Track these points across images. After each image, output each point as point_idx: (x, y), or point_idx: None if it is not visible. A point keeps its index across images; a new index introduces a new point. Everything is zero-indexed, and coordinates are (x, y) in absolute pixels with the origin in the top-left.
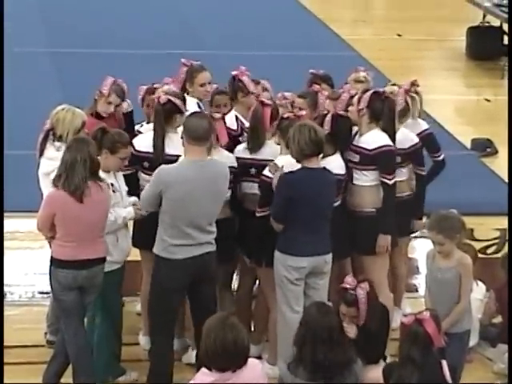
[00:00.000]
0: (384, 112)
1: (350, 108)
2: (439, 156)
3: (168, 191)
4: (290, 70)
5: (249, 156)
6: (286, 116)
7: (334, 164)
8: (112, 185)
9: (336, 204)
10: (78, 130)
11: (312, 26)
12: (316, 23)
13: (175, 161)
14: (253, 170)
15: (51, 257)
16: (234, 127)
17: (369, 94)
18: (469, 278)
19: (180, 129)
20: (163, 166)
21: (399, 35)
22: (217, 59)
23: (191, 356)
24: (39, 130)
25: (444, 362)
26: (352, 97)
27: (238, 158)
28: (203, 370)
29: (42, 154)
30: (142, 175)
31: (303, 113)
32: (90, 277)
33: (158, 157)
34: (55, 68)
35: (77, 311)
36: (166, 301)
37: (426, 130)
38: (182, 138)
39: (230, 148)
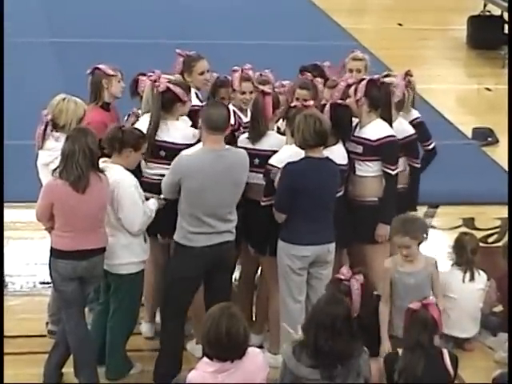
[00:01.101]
0: (381, 98)
1: (347, 100)
2: (430, 145)
3: (185, 180)
4: (290, 60)
5: (251, 146)
6: (293, 105)
7: (337, 154)
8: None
9: (339, 194)
10: (81, 119)
11: (313, 15)
12: (317, 13)
13: (172, 149)
14: (256, 161)
15: (51, 247)
16: (232, 121)
17: (364, 82)
18: (438, 277)
19: (182, 118)
20: (182, 154)
21: (400, 25)
22: (218, 49)
23: (194, 347)
24: (39, 120)
25: (445, 351)
26: (349, 85)
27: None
28: (205, 359)
29: (42, 145)
30: (142, 162)
31: (311, 103)
32: (90, 267)
33: (149, 144)
34: (56, 58)
35: (78, 302)
36: (181, 288)
37: (416, 118)
38: (200, 128)
39: (228, 141)
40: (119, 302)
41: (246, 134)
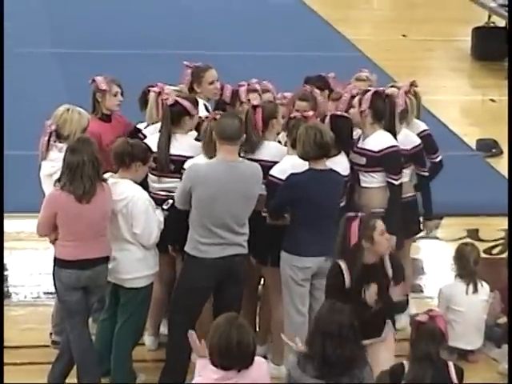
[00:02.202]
0: (386, 111)
1: (351, 110)
2: (437, 157)
3: (196, 189)
4: (294, 71)
5: (251, 157)
6: (292, 116)
7: (340, 165)
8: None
9: (341, 205)
10: (85, 129)
11: (316, 26)
12: (320, 23)
13: (181, 162)
14: None
15: (54, 257)
16: None
17: (369, 94)
18: None
19: (191, 133)
20: (193, 163)
21: (404, 36)
22: (221, 60)
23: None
24: (42, 130)
25: (450, 363)
26: (353, 97)
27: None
28: (210, 366)
29: (46, 156)
30: (149, 175)
31: (310, 113)
32: (94, 277)
33: (162, 158)
34: (57, 68)
35: (81, 312)
36: (191, 299)
37: (424, 130)
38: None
39: None
40: (129, 314)
41: None
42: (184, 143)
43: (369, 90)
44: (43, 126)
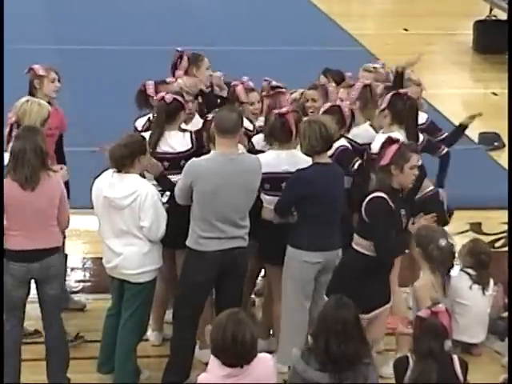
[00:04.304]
0: (407, 112)
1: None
2: (443, 134)
3: (197, 184)
4: (296, 66)
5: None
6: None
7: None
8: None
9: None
10: (45, 120)
11: (318, 20)
12: (322, 18)
13: (178, 158)
14: None
15: (4, 250)
16: (251, 128)
17: (389, 95)
18: None
19: (183, 124)
20: (194, 158)
21: (406, 30)
22: (224, 55)
23: (199, 353)
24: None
25: (455, 357)
26: (366, 85)
27: (258, 151)
28: (217, 362)
29: (8, 148)
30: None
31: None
32: (44, 269)
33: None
34: (60, 65)
35: (21, 308)
36: (193, 294)
37: (427, 119)
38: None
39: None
40: (134, 309)
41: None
42: (174, 140)
43: (389, 91)
44: (7, 119)
